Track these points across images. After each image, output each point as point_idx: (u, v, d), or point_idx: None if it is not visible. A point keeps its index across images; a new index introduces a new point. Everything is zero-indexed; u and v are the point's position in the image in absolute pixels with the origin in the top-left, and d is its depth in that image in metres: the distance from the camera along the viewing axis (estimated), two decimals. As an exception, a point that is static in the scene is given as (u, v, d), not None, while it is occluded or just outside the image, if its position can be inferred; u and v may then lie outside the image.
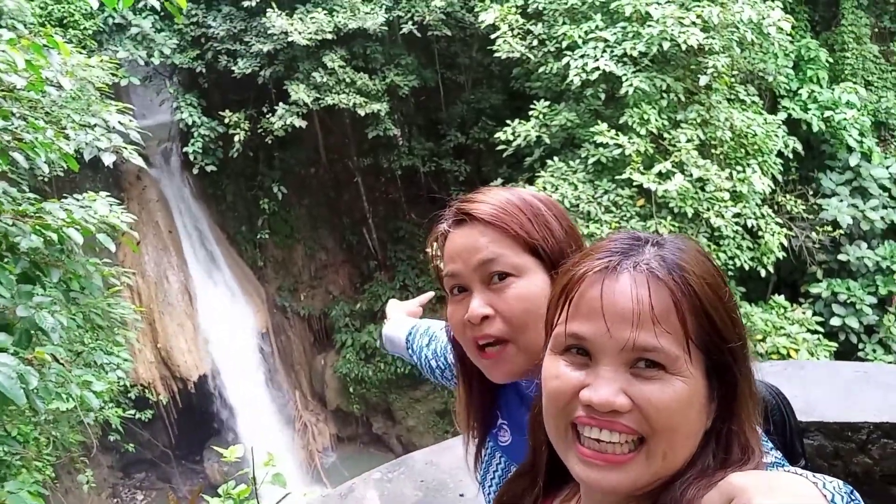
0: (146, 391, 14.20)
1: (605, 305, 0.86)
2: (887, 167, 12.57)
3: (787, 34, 11.34)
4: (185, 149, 13.93)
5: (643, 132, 10.75)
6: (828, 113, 12.31)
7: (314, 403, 17.75)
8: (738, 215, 11.08)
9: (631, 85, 10.52)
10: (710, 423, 0.89)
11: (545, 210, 1.26)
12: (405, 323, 1.87)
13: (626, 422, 0.84)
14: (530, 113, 11.84)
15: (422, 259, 16.19)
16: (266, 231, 16.27)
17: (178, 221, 15.62)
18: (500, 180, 12.92)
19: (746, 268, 11.30)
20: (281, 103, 13.76)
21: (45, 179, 7.88)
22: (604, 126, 10.79)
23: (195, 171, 14.32)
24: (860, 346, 11.90)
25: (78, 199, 5.11)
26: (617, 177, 10.92)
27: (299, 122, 13.60)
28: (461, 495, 1.98)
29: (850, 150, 12.47)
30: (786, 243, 11.79)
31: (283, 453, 16.02)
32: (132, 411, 10.53)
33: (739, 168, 11.33)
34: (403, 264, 17.28)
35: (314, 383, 17.78)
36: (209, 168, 14.08)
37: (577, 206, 11.11)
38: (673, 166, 10.60)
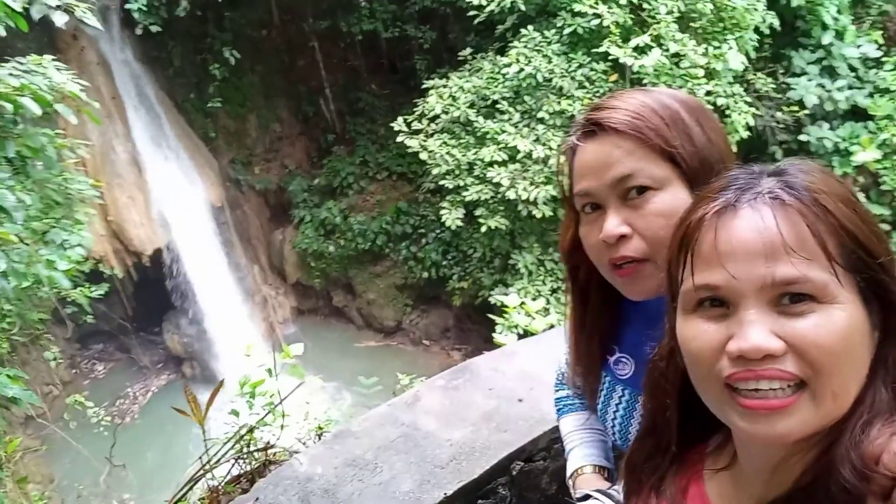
0: (99, 265, 13.81)
1: (730, 246, 0.77)
2: (858, 46, 12.42)
3: None
4: (126, 5, 12.66)
5: (623, 1, 10.25)
6: (809, -13, 11.92)
7: (273, 277, 17.69)
8: (709, 93, 10.93)
9: (614, -52, 9.89)
10: (876, 351, 0.80)
11: (685, 114, 1.14)
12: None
13: (784, 367, 0.75)
14: (505, -24, 11.08)
15: (383, 133, 15.64)
16: (217, 99, 15.32)
17: (120, 87, 14.49)
18: (468, 49, 12.30)
19: (711, 147, 11.30)
20: (230, -45, 12.54)
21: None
22: (583, -7, 10.23)
23: (138, 31, 13.11)
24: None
25: (22, 63, 4.58)
26: (593, 50, 10.51)
27: (251, -22, 12.47)
28: (520, 400, 1.91)
29: (825, 27, 12.22)
30: (752, 123, 11.77)
31: (244, 324, 16.15)
32: (88, 287, 10.24)
33: (716, 43, 11.03)
34: (363, 138, 16.73)
35: (273, 258, 17.63)
36: (153, 28, 12.89)
37: (551, 80, 10.72)
38: (651, 40, 10.23)
